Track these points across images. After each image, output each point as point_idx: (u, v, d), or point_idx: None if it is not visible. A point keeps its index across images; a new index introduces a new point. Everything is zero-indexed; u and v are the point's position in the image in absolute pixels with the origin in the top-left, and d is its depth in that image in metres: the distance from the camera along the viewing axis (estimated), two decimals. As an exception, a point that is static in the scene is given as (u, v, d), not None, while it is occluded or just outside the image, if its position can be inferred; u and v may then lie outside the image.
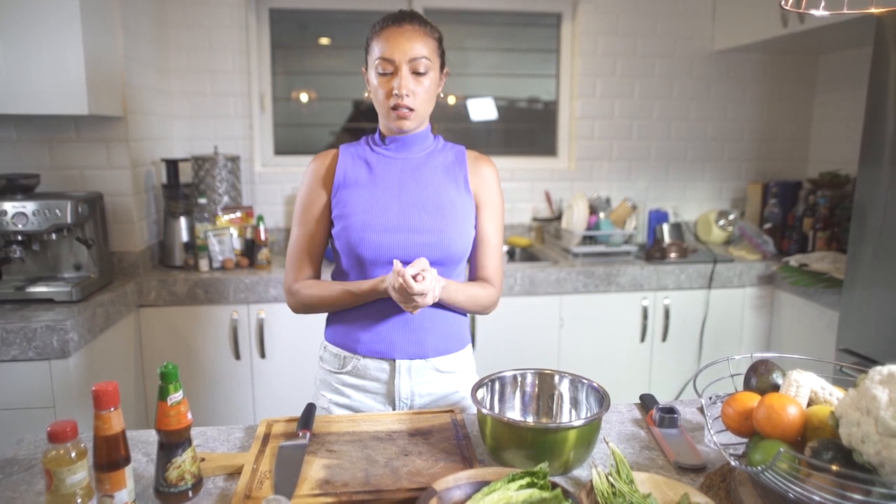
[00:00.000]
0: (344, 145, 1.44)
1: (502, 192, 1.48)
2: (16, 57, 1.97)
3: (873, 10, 1.04)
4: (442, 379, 1.41)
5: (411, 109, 1.32)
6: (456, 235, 1.35)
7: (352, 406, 1.41)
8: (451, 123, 3.20)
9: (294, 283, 1.40)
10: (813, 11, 1.11)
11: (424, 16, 1.36)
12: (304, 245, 1.41)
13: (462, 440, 1.15)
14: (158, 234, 2.71)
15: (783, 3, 1.09)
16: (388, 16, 1.34)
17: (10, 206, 2.01)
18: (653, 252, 2.81)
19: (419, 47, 1.30)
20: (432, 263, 1.33)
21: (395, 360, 1.37)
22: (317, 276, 1.44)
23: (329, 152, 1.43)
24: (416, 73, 1.31)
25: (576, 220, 2.85)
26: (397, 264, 1.21)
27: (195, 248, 2.56)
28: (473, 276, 1.45)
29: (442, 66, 1.38)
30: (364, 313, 1.37)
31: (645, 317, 2.73)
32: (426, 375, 1.39)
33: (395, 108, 1.31)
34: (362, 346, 1.38)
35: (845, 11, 1.04)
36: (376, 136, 1.43)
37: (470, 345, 1.51)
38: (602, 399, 1.13)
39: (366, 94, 1.40)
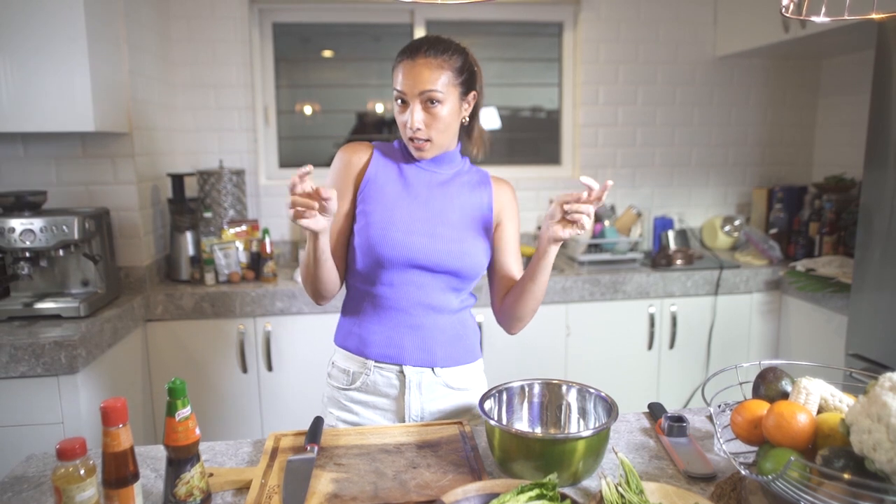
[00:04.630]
0: (378, 144, 1.44)
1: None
2: (22, 75, 1.99)
3: (874, 16, 1.04)
4: (453, 396, 1.41)
5: (426, 140, 1.33)
6: (475, 249, 1.36)
7: (360, 423, 1.40)
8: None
9: None
10: (814, 18, 1.11)
11: (448, 38, 1.34)
12: None
13: (470, 452, 1.15)
14: (165, 248, 2.72)
15: (784, 10, 1.09)
16: (406, 47, 1.33)
17: (18, 223, 2.02)
18: (658, 259, 2.80)
19: (431, 81, 1.28)
20: (449, 272, 1.35)
21: (404, 373, 1.37)
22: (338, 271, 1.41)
23: (364, 148, 1.42)
24: (428, 104, 1.30)
25: (581, 228, 2.84)
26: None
27: (201, 262, 2.57)
28: (509, 284, 1.43)
29: (467, 91, 1.36)
30: (374, 319, 1.38)
31: (652, 324, 2.72)
32: (436, 392, 1.39)
33: (411, 139, 1.34)
34: (372, 349, 1.37)
35: (846, 18, 1.04)
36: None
37: (481, 359, 1.50)
38: (610, 408, 1.12)
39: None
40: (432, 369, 1.38)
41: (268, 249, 2.60)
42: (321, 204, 1.18)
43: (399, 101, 1.33)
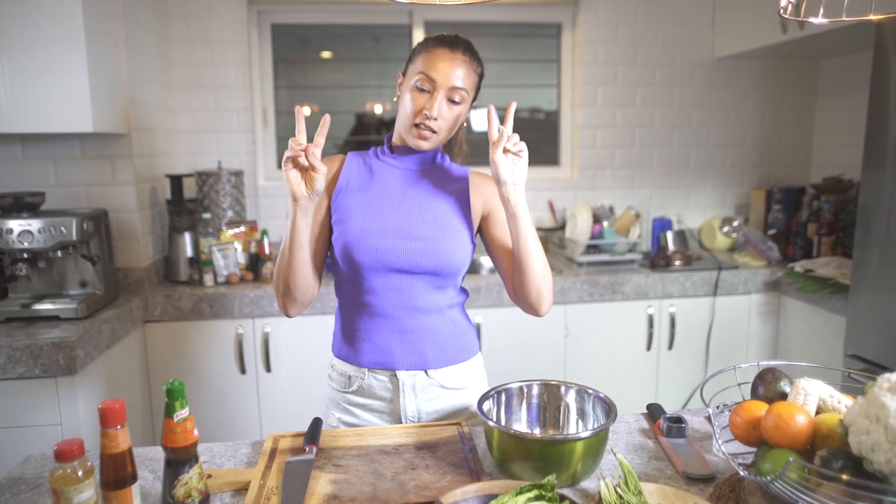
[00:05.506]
0: (352, 153, 1.44)
1: None
2: (21, 76, 1.99)
3: (872, 17, 1.04)
4: (449, 396, 1.40)
5: (434, 132, 1.32)
6: (453, 246, 1.34)
7: (359, 425, 1.40)
8: (453, 134, 3.21)
9: None
10: (812, 19, 1.11)
11: (475, 49, 1.38)
12: None
13: (469, 453, 1.15)
14: (163, 249, 2.72)
15: (782, 11, 1.10)
16: (444, 36, 1.34)
17: (16, 224, 2.02)
18: (657, 260, 2.80)
19: (463, 79, 1.31)
20: (428, 272, 1.33)
21: (397, 375, 1.36)
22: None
23: (336, 157, 1.43)
24: (451, 101, 1.32)
25: (579, 229, 2.85)
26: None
27: (200, 263, 2.57)
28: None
29: (473, 100, 1.39)
30: (363, 327, 1.37)
31: (650, 325, 2.72)
32: (431, 393, 1.39)
33: (418, 125, 1.32)
34: (364, 357, 1.38)
35: (844, 19, 1.04)
36: (385, 146, 1.44)
37: (479, 355, 1.48)
38: (609, 409, 1.12)
39: (395, 99, 1.40)
40: (425, 371, 1.37)
41: (266, 250, 2.60)
42: (308, 170, 1.22)
43: (418, 85, 1.31)
